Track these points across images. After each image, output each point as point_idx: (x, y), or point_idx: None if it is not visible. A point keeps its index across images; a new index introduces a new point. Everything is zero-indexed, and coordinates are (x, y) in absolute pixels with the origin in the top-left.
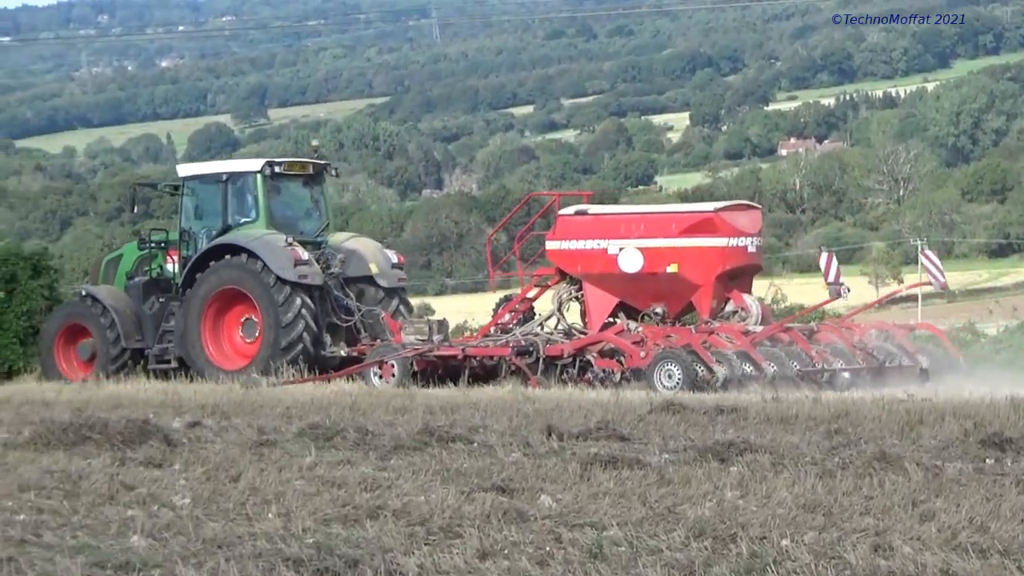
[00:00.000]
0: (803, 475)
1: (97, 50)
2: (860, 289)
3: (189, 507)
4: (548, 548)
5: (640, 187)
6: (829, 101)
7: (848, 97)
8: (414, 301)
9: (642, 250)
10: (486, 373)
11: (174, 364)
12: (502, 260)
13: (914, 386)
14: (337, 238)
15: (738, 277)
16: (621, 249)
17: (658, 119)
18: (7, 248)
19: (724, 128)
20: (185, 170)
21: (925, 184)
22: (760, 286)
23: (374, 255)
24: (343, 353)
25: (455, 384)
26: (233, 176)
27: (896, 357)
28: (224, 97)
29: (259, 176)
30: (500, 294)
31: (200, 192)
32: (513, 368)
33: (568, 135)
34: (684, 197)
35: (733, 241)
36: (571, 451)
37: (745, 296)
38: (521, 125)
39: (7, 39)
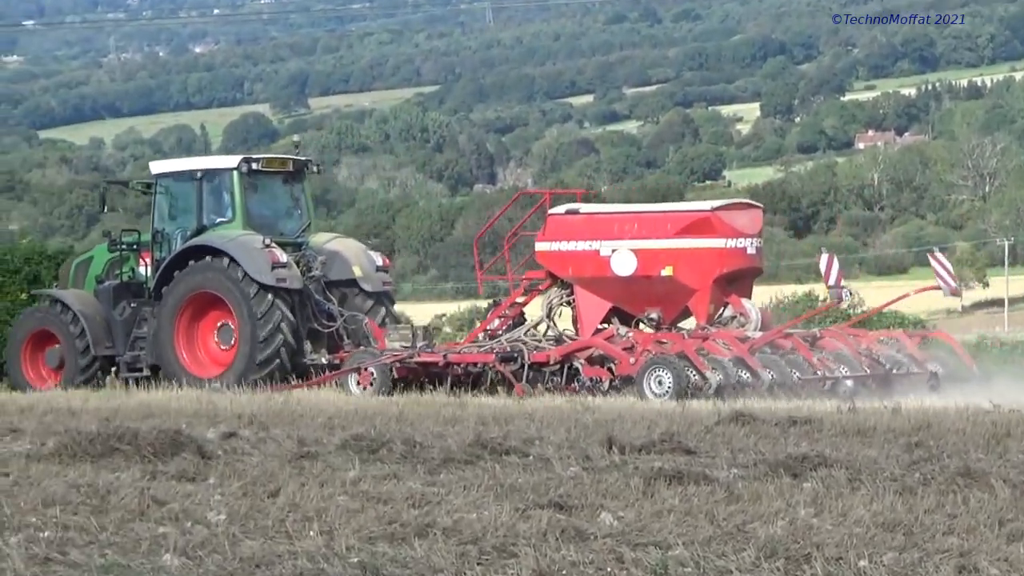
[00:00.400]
0: (882, 491)
1: (126, 35)
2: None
3: (225, 524)
4: (609, 569)
5: (707, 182)
6: (910, 91)
7: (930, 87)
8: (465, 304)
9: (636, 251)
10: (472, 381)
11: (146, 372)
12: (491, 262)
13: (924, 395)
14: (319, 239)
15: (737, 280)
16: (614, 251)
17: (726, 110)
18: (30, 247)
19: (797, 119)
20: (158, 167)
21: (1012, 180)
22: None
23: (358, 257)
24: (324, 360)
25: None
26: (208, 173)
27: (904, 365)
28: (262, 85)
29: (235, 173)
30: (505, 298)
31: (174, 190)
32: (498, 375)
33: (630, 126)
34: (754, 193)
35: (731, 242)
36: (633, 465)
37: (744, 301)
38: (580, 116)
39: (31, 23)
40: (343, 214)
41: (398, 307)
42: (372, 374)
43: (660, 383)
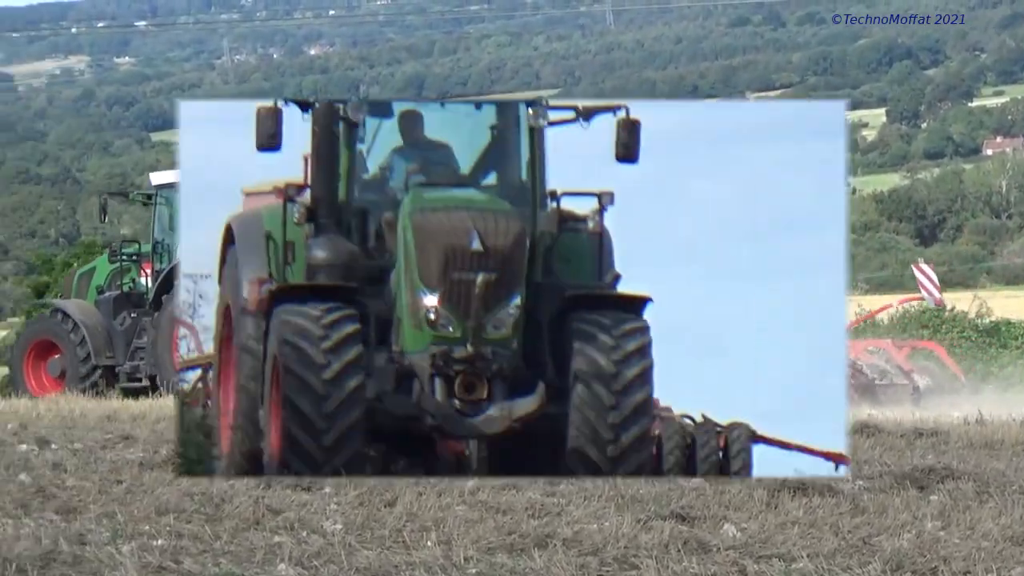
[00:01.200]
0: (1010, 505)
1: (240, 36)
2: None
3: (341, 533)
4: None
5: None
6: None
7: None
8: None
9: None
10: None
11: (145, 383)
12: None
13: (907, 406)
14: None
15: None
16: None
17: (852, 115)
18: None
19: (924, 125)
20: (158, 178)
21: None
22: (964, 299)
23: None
24: None
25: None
26: None
27: (889, 375)
28: (378, 88)
29: None
30: None
31: (174, 201)
32: None
33: None
34: (879, 200)
35: None
36: (757, 477)
37: None
38: None
39: (143, 24)
40: None
41: None
42: None
43: None
